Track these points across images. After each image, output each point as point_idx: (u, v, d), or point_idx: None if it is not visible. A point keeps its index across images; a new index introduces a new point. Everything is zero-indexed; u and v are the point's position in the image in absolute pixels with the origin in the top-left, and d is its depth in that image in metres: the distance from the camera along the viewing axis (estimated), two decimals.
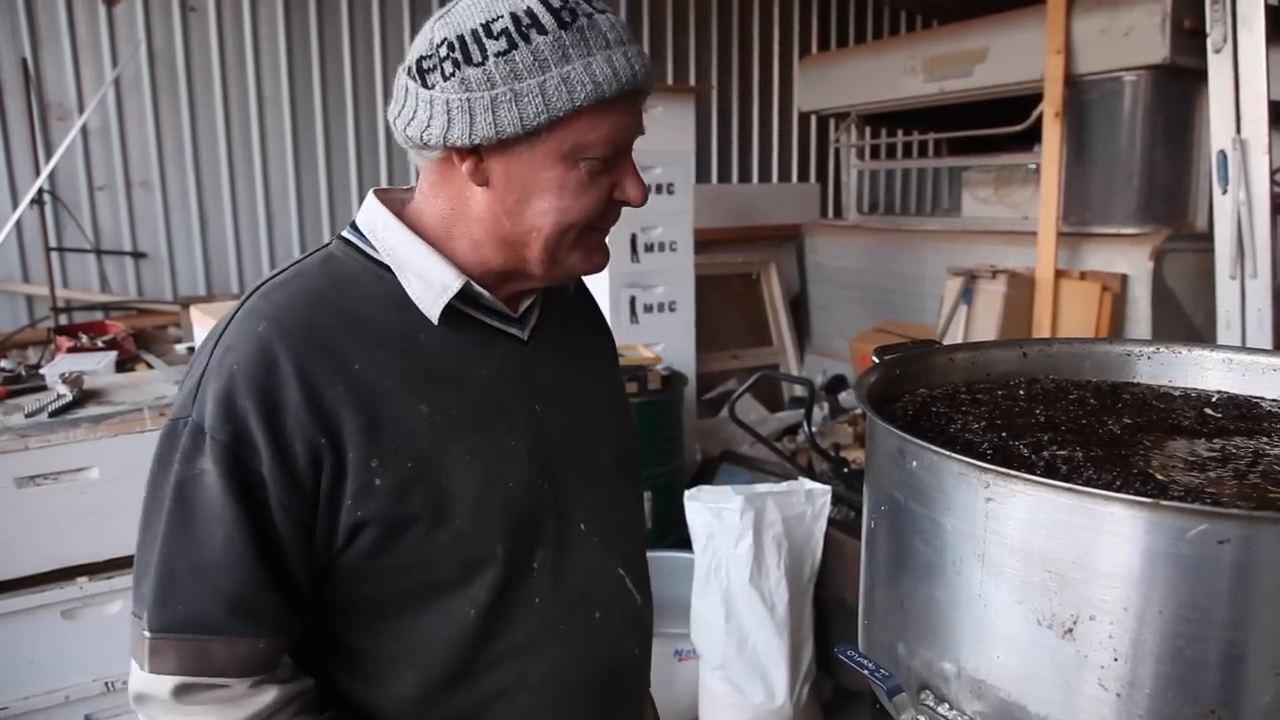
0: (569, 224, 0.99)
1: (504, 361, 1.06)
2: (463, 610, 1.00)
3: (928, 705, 0.87)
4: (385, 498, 0.94)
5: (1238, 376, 1.22)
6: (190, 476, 0.91)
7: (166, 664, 0.90)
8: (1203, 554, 0.69)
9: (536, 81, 0.91)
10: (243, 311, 0.98)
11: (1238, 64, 3.23)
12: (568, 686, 1.07)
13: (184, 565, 0.91)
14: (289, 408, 0.91)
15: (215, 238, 5.22)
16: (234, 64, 5.09)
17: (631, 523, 1.19)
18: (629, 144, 1.00)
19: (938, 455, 0.81)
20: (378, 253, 1.04)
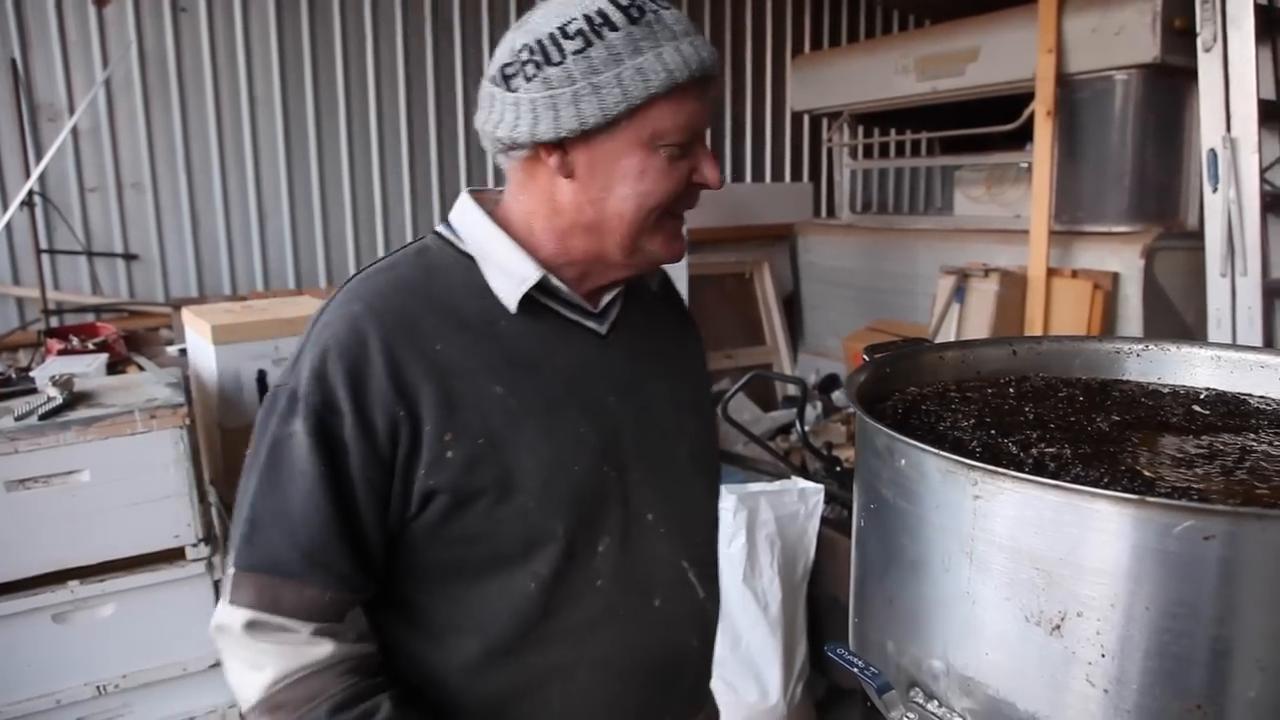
0: (650, 207, 1.06)
1: (581, 353, 1.12)
2: (523, 584, 1.06)
3: (917, 703, 0.87)
4: (456, 470, 1.01)
5: (1226, 373, 1.23)
6: (283, 436, 1.01)
7: (244, 597, 1.00)
8: (1189, 550, 0.69)
9: (613, 74, 0.99)
10: (342, 294, 1.08)
11: (1227, 63, 3.24)
12: (624, 669, 1.12)
13: (269, 513, 1.00)
14: (374, 381, 1.00)
15: (207, 239, 5.20)
16: (225, 65, 5.08)
17: (701, 517, 1.23)
18: (703, 129, 1.07)
19: (925, 453, 0.81)
20: (466, 245, 1.12)
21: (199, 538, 2.34)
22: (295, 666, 0.99)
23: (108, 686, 2.26)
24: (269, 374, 2.94)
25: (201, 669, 2.41)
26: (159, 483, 2.26)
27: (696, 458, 1.22)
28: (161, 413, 2.24)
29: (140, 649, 2.32)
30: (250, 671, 1.01)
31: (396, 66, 5.62)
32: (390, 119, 5.67)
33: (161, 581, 2.30)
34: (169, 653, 2.35)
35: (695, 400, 1.26)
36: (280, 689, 0.99)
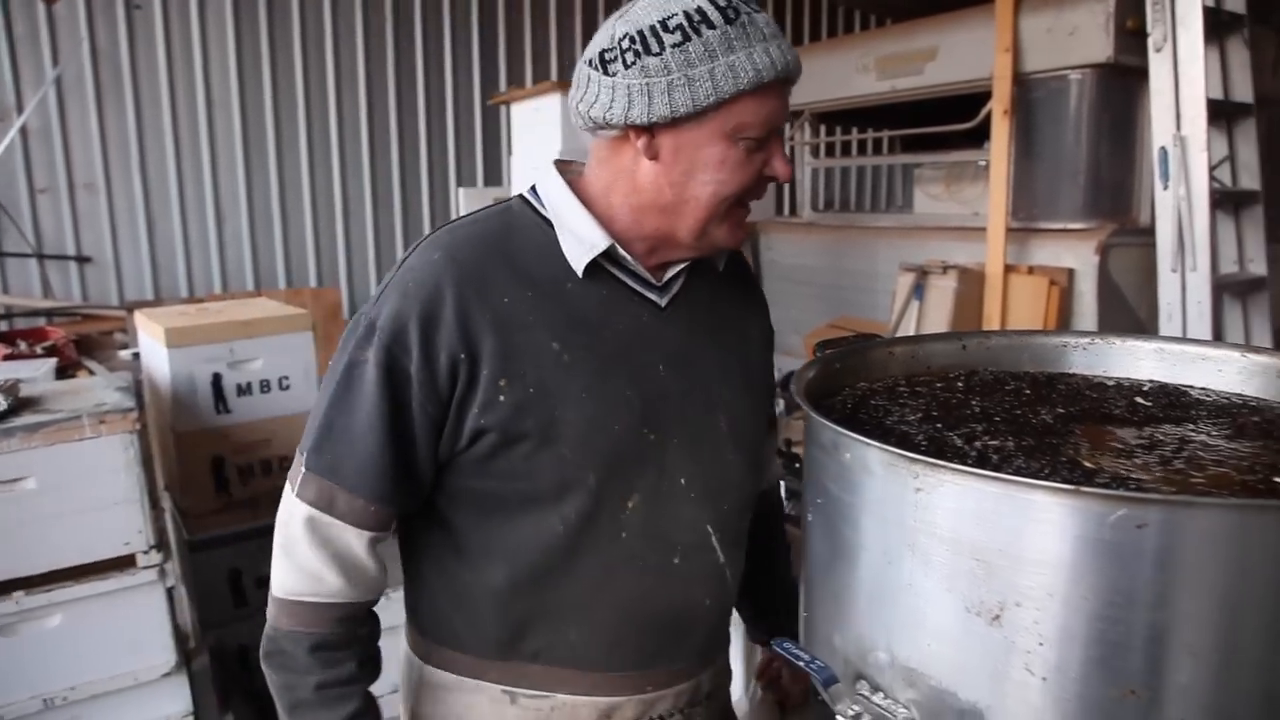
0: (725, 195, 1.13)
1: (638, 321, 1.19)
2: (552, 524, 1.14)
3: (863, 694, 0.87)
4: (505, 412, 1.11)
5: (1169, 366, 1.25)
6: (358, 360, 1.12)
7: (308, 493, 1.13)
8: (1123, 539, 0.70)
9: (707, 69, 1.06)
10: (429, 240, 1.18)
11: (1177, 63, 3.29)
12: (638, 616, 1.20)
13: (337, 426, 1.12)
14: (443, 324, 1.10)
15: (163, 241, 5.13)
16: (181, 64, 5.01)
17: (734, 488, 1.27)
18: (780, 126, 1.14)
19: (868, 446, 0.81)
20: (546, 210, 1.20)
21: (150, 544, 2.29)
22: (303, 590, 1.14)
23: (56, 699, 2.21)
24: (224, 377, 2.90)
25: (154, 678, 2.36)
26: (108, 489, 2.21)
27: (736, 432, 1.27)
28: (111, 418, 2.19)
29: (90, 660, 2.26)
30: (282, 559, 1.16)
31: (357, 67, 5.57)
32: (350, 120, 5.62)
33: (111, 590, 2.24)
34: (120, 663, 2.30)
35: (746, 379, 1.30)
36: (288, 599, 1.15)
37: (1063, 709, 0.75)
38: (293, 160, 5.45)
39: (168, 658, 2.37)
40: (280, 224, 5.47)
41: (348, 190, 5.67)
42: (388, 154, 5.78)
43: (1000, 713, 0.79)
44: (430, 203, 6.00)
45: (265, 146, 5.34)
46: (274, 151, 5.37)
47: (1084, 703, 0.75)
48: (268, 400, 2.96)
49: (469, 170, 6.18)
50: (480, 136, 6.19)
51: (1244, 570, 0.71)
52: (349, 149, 5.64)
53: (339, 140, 5.57)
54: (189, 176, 5.14)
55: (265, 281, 5.50)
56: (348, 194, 5.67)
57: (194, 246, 5.23)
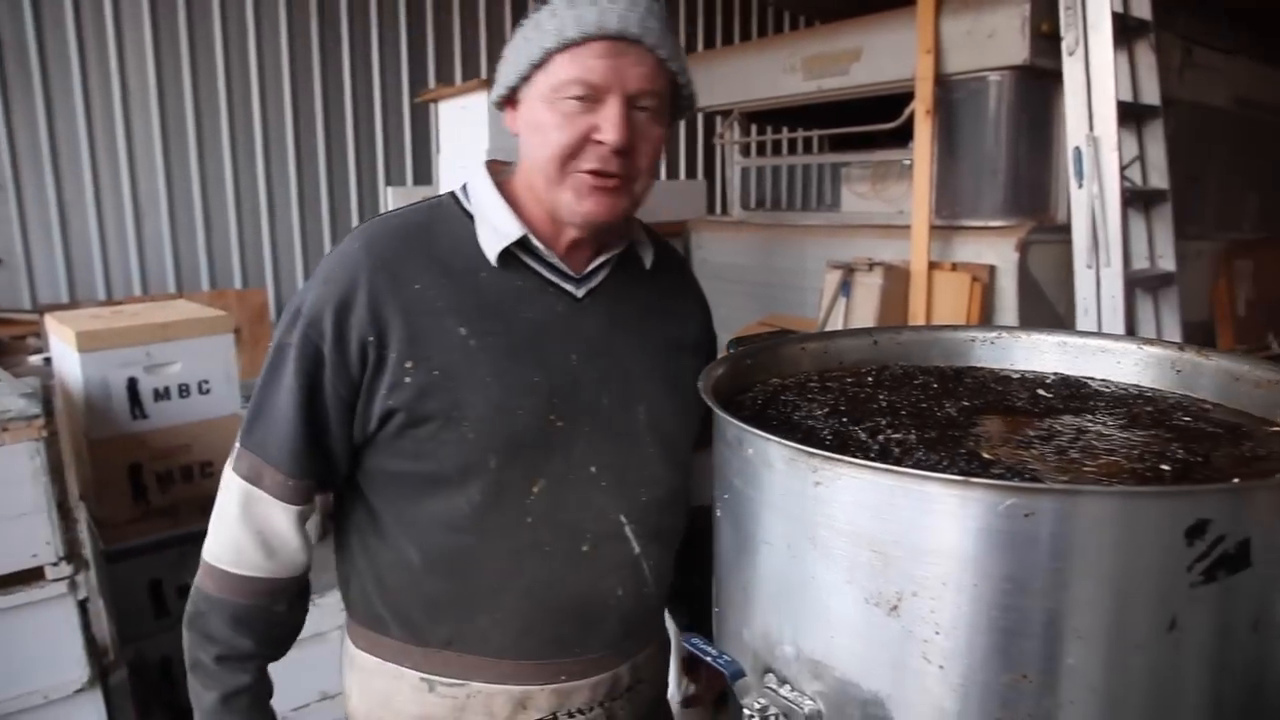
0: (547, 158, 1.15)
1: (552, 311, 1.22)
2: (459, 506, 1.18)
3: (770, 688, 0.88)
4: (411, 394, 1.15)
5: (1071, 359, 1.29)
6: (283, 344, 1.18)
7: (241, 467, 1.20)
8: (1011, 527, 0.72)
9: (527, 37, 1.14)
10: (355, 232, 1.23)
11: (1089, 66, 3.40)
12: (546, 603, 1.22)
13: (265, 406, 1.19)
14: (355, 309, 1.15)
15: (78, 241, 4.96)
16: (95, 55, 4.85)
17: (653, 480, 1.28)
18: (608, 87, 1.12)
19: (769, 441, 0.82)
20: (470, 205, 1.25)
21: (60, 556, 2.21)
22: (228, 560, 1.20)
23: None
24: (140, 381, 2.81)
25: (66, 695, 2.28)
26: (13, 500, 2.13)
27: (657, 424, 1.27)
28: (15, 425, 2.11)
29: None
30: (216, 525, 1.23)
31: (281, 64, 5.46)
32: (275, 118, 5.51)
33: (18, 605, 2.16)
34: (29, 680, 2.22)
35: (674, 377, 1.30)
36: (215, 565, 1.21)
37: (959, 695, 0.77)
38: (215, 158, 5.32)
39: (81, 673, 2.30)
40: (203, 224, 5.33)
41: (273, 189, 5.55)
42: (314, 152, 5.68)
43: (900, 701, 0.80)
44: (359, 202, 5.91)
45: (186, 144, 5.20)
46: (195, 149, 5.23)
47: (979, 689, 0.76)
48: (187, 405, 2.88)
49: (398, 169, 6.10)
50: (409, 135, 6.11)
51: (1128, 556, 0.73)
52: (274, 147, 5.52)
53: (263, 138, 5.45)
54: (105, 174, 4.98)
55: (188, 283, 5.36)
56: (273, 193, 5.56)
57: (111, 247, 5.07)
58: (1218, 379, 1.16)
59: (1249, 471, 0.90)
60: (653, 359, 1.29)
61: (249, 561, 1.20)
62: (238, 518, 1.20)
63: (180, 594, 2.87)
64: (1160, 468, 0.90)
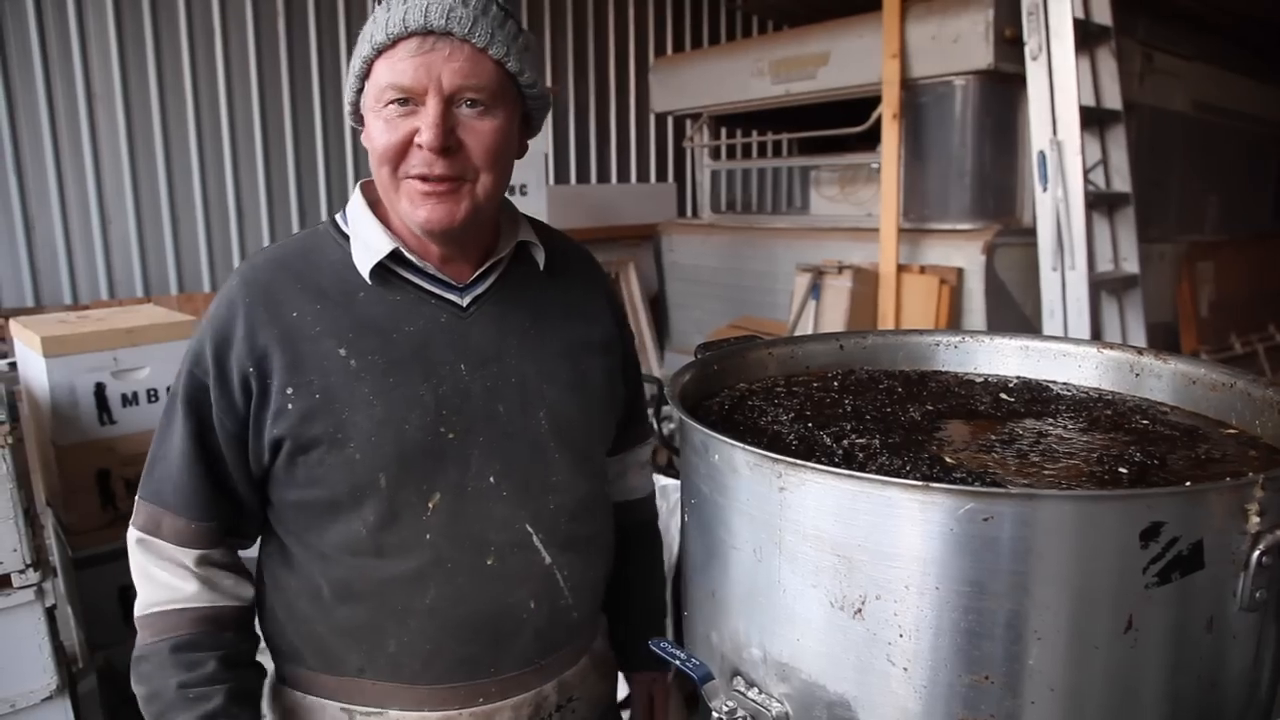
0: (378, 166, 1.15)
1: (433, 322, 1.20)
2: (356, 529, 1.16)
3: (738, 691, 0.90)
4: (294, 420, 1.13)
5: (1034, 362, 1.31)
6: (176, 389, 1.18)
7: (138, 520, 1.19)
8: (971, 531, 0.73)
9: (358, 49, 1.14)
10: (235, 269, 1.23)
11: (1052, 71, 3.45)
12: (453, 621, 1.18)
13: (161, 453, 1.19)
14: (234, 343, 1.15)
15: (44, 245, 4.89)
16: (58, 55, 4.78)
17: (559, 487, 1.24)
18: (422, 88, 1.10)
19: (734, 447, 0.83)
20: (346, 227, 1.24)
21: (27, 563, 2.18)
22: (161, 598, 1.18)
23: None
24: (108, 387, 2.78)
25: (34, 703, 2.26)
26: None
27: (562, 432, 1.24)
28: None
29: None
30: (139, 582, 1.20)
31: (248, 62, 5.41)
32: (243, 117, 5.45)
33: None
34: None
35: (579, 379, 1.27)
36: (148, 613, 1.18)
37: (923, 697, 0.79)
38: (182, 160, 5.26)
39: (49, 681, 2.27)
40: (170, 226, 5.27)
41: (241, 191, 5.50)
42: (282, 153, 5.63)
43: (866, 703, 0.81)
44: (328, 202, 5.86)
45: (152, 145, 5.14)
46: (161, 151, 5.17)
47: (943, 690, 0.78)
48: (156, 410, 2.84)
49: (367, 170, 6.05)
50: None
51: (1085, 558, 0.75)
52: (242, 148, 5.47)
53: (230, 139, 5.40)
54: (70, 176, 4.91)
55: (156, 287, 5.29)
56: (241, 194, 5.50)
57: (77, 250, 5.00)
58: (1175, 382, 1.18)
59: (1203, 474, 0.93)
60: (554, 363, 1.26)
61: (184, 594, 1.18)
62: (145, 570, 1.18)
63: None
64: (1118, 470, 0.92)
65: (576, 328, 1.31)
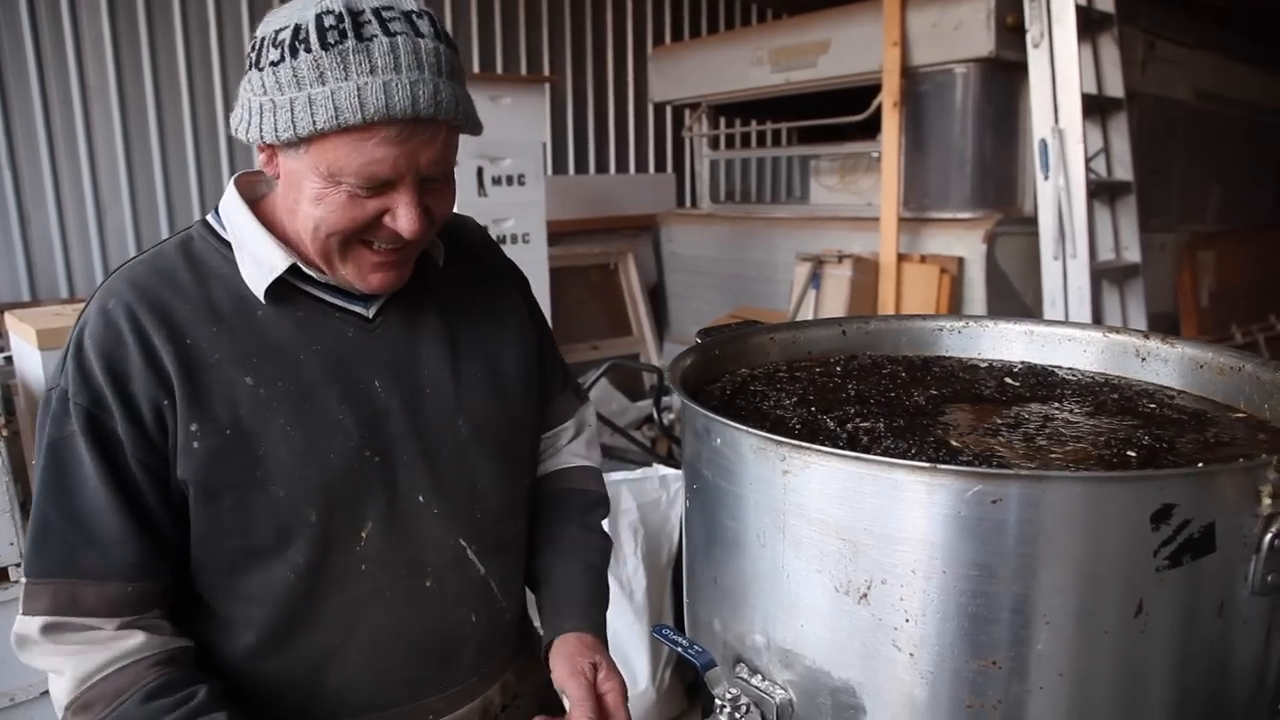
0: (327, 234, 1.02)
1: (341, 338, 1.09)
2: (282, 574, 1.05)
3: (741, 678, 0.88)
4: (200, 461, 1.00)
5: (1038, 347, 1.30)
6: (61, 437, 0.99)
7: (39, 605, 0.97)
8: (978, 514, 0.72)
9: (288, 98, 0.95)
10: (101, 290, 1.05)
11: (1054, 59, 3.43)
12: (396, 648, 1.12)
13: (58, 515, 0.99)
14: (134, 374, 0.99)
15: (39, 237, 4.86)
16: (52, 49, 4.76)
17: (486, 494, 1.18)
18: (399, 175, 0.98)
19: (738, 431, 0.82)
20: (227, 234, 1.09)
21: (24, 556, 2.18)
22: (102, 662, 0.98)
23: None
24: None
25: (33, 697, 2.25)
26: None
27: (483, 435, 1.17)
28: None
29: None
30: (56, 678, 0.99)
31: (243, 53, 5.39)
32: None
33: None
34: None
35: (493, 373, 1.20)
36: (87, 688, 0.97)
37: (929, 682, 0.77)
38: (177, 152, 5.24)
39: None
40: (166, 218, 5.25)
41: None
42: None
43: (871, 690, 0.80)
44: None
45: (147, 137, 5.12)
46: (157, 143, 5.15)
47: (949, 675, 0.77)
48: None
49: None
50: None
51: (1094, 541, 0.74)
52: (238, 141, 5.45)
53: (226, 127, 5.37)
54: (65, 168, 4.88)
55: None
56: None
57: (73, 242, 4.98)
58: (1182, 366, 1.17)
59: (1213, 457, 0.92)
60: (468, 364, 1.18)
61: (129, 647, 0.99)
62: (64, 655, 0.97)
63: None
64: (1126, 454, 0.90)
65: (485, 320, 1.24)
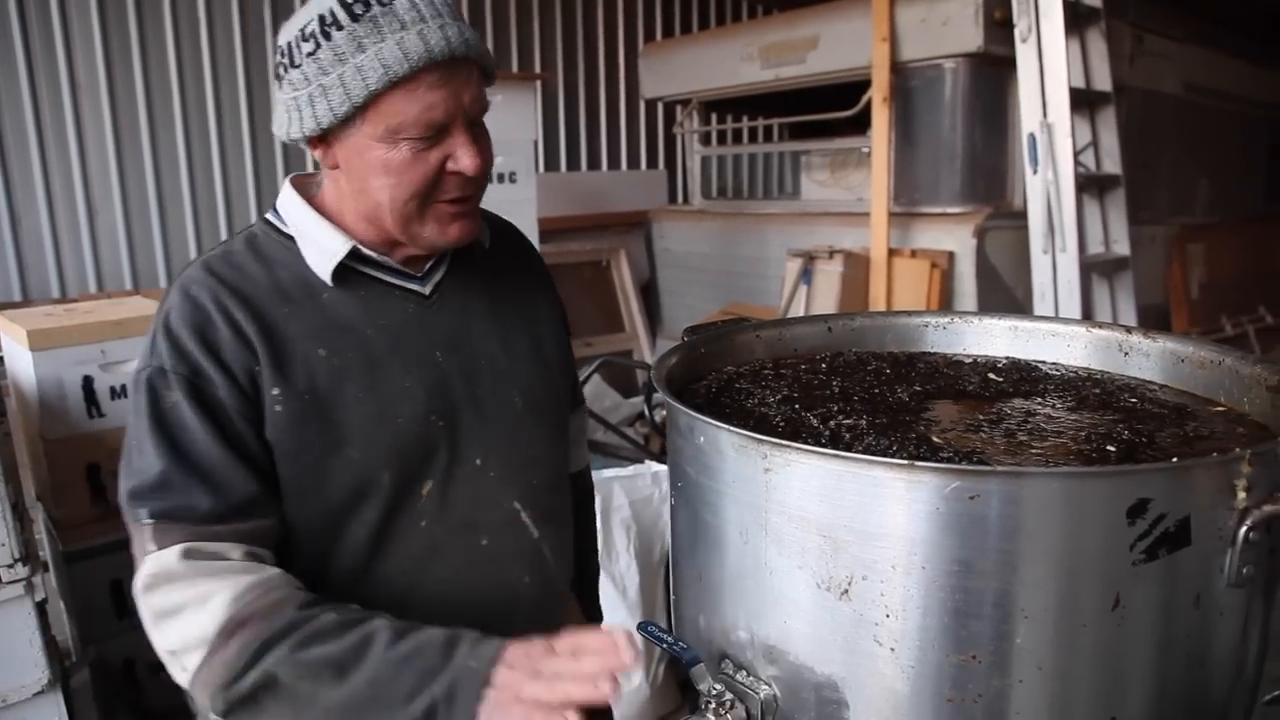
0: (403, 199, 1.10)
1: (404, 313, 1.19)
2: (355, 532, 1.13)
3: (726, 674, 0.89)
4: (283, 426, 1.08)
5: (1022, 342, 1.31)
6: (167, 408, 1.06)
7: (172, 537, 1.02)
8: (957, 510, 0.73)
9: (338, 74, 1.03)
10: (180, 280, 1.14)
11: (1041, 53, 3.44)
12: (454, 604, 1.18)
13: (177, 472, 1.04)
14: (224, 345, 1.08)
15: (30, 238, 4.86)
16: (41, 47, 4.74)
17: (538, 462, 1.26)
18: (451, 117, 1.07)
19: (719, 429, 0.83)
20: (287, 228, 1.19)
21: (16, 557, 2.17)
22: (252, 581, 1.00)
23: None
24: (96, 380, 2.76)
25: (25, 698, 2.25)
26: None
27: (534, 404, 1.26)
28: None
29: None
30: (200, 606, 0.99)
31: (234, 50, 5.37)
32: (230, 106, 5.42)
33: None
34: None
35: (538, 352, 1.30)
36: (243, 605, 0.98)
37: (911, 677, 0.78)
38: (169, 150, 5.23)
39: (39, 675, 2.26)
40: (158, 217, 5.24)
41: (229, 180, 5.47)
42: (270, 143, 5.60)
43: (854, 684, 0.81)
44: None
45: (138, 137, 5.11)
46: (148, 142, 5.14)
47: (930, 670, 0.78)
48: None
49: None
50: None
51: (1072, 536, 0.75)
52: (229, 137, 5.44)
53: (218, 129, 5.36)
54: (55, 168, 4.87)
55: (144, 279, 5.27)
56: (229, 184, 5.47)
57: (64, 242, 4.97)
58: (1164, 360, 1.18)
59: (1191, 451, 0.93)
60: (515, 339, 1.27)
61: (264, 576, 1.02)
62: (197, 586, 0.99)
63: None
64: (1106, 448, 0.91)
65: (526, 302, 1.33)
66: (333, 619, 0.98)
